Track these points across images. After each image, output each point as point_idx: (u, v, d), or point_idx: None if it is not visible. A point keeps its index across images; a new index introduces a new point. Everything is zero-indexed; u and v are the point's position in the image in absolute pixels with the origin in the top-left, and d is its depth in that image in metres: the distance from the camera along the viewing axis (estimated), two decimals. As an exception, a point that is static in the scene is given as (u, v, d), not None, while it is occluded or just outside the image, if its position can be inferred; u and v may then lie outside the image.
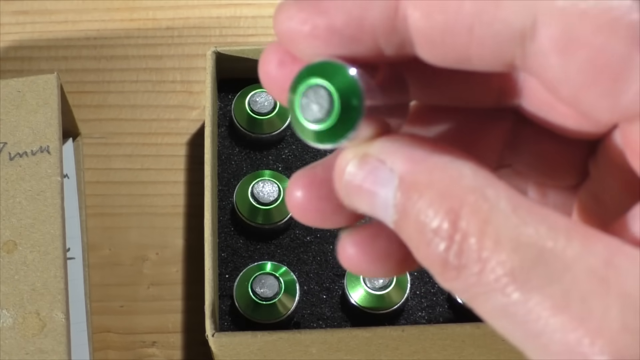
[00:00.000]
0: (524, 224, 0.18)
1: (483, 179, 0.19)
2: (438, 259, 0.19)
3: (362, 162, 0.20)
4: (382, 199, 0.20)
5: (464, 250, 0.18)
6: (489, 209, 0.18)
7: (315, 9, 0.20)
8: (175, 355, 0.50)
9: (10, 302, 0.42)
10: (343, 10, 0.20)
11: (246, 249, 0.48)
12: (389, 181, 0.20)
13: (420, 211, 0.19)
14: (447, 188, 0.19)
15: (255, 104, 0.51)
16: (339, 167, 0.21)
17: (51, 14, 0.59)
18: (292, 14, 0.20)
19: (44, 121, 0.47)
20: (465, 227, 0.18)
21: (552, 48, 0.18)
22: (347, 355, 0.44)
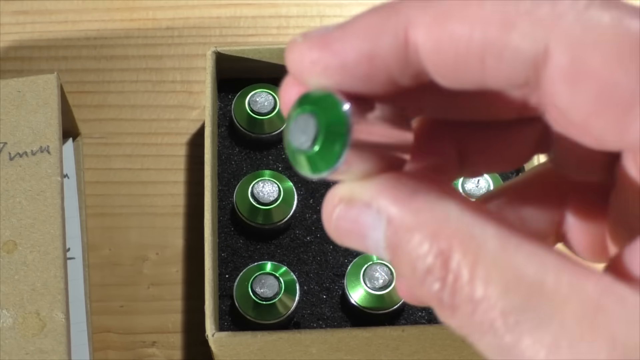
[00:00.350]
0: (513, 264, 0.18)
1: (470, 218, 0.19)
2: (433, 297, 0.19)
3: (349, 206, 0.20)
4: (373, 242, 0.20)
5: (456, 290, 0.18)
6: (477, 249, 0.18)
7: (326, 47, 0.20)
8: (175, 355, 0.50)
9: (10, 302, 0.42)
10: (353, 48, 0.20)
11: (246, 249, 0.48)
12: (377, 224, 0.20)
13: (411, 253, 0.19)
14: (435, 229, 0.19)
15: (255, 104, 0.51)
16: (327, 209, 0.21)
17: (51, 14, 0.59)
18: (302, 53, 0.20)
19: (44, 121, 0.47)
20: (456, 268, 0.18)
21: (561, 77, 0.18)
22: (347, 355, 0.44)
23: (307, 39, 0.20)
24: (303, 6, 0.60)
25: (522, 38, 0.18)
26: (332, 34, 0.20)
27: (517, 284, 0.18)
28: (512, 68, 0.19)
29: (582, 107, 0.18)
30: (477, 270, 0.18)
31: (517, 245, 0.18)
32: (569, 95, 0.18)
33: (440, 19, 0.19)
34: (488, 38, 0.18)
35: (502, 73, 0.19)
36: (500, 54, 0.18)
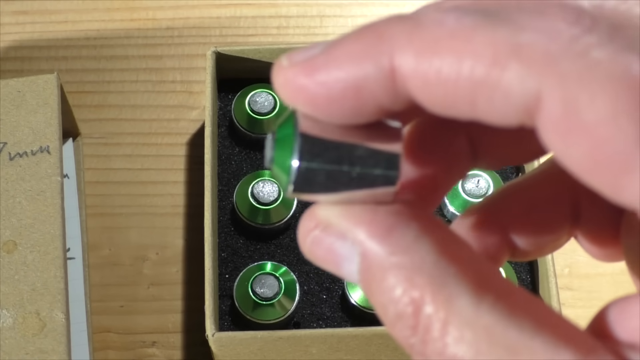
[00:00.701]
0: (486, 325, 0.17)
1: (445, 266, 0.18)
2: (404, 341, 0.18)
3: (324, 233, 0.20)
4: (347, 272, 0.19)
5: (427, 342, 0.18)
6: (450, 304, 0.18)
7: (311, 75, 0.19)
8: (175, 355, 0.50)
9: (10, 302, 0.42)
10: (337, 79, 0.18)
11: (246, 249, 0.48)
12: (351, 256, 0.19)
13: (383, 295, 0.18)
14: (409, 274, 0.18)
15: (255, 104, 0.51)
16: (302, 230, 0.20)
17: (51, 14, 0.59)
18: (288, 79, 0.19)
19: (44, 121, 0.47)
20: (427, 321, 0.18)
21: (553, 128, 0.17)
22: (347, 355, 0.44)
23: (292, 63, 0.19)
24: (303, 6, 0.60)
25: (513, 80, 0.17)
26: (317, 60, 0.19)
27: (489, 347, 0.17)
28: (504, 111, 0.17)
29: (576, 161, 0.17)
30: (449, 327, 0.17)
31: (492, 305, 0.18)
32: (562, 148, 0.17)
33: (426, 51, 0.17)
34: (477, 77, 0.17)
35: (494, 115, 0.17)
36: (491, 96, 0.17)
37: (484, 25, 0.17)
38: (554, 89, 0.16)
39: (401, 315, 0.18)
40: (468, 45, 0.17)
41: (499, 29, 0.17)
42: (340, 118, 0.19)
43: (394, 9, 0.60)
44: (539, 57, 0.16)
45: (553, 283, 0.44)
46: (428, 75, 0.17)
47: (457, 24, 0.17)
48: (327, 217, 0.20)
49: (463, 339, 0.17)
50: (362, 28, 0.19)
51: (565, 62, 0.16)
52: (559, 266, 0.50)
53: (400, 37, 0.18)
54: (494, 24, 0.17)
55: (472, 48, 0.17)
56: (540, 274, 0.47)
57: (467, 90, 0.17)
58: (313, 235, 0.20)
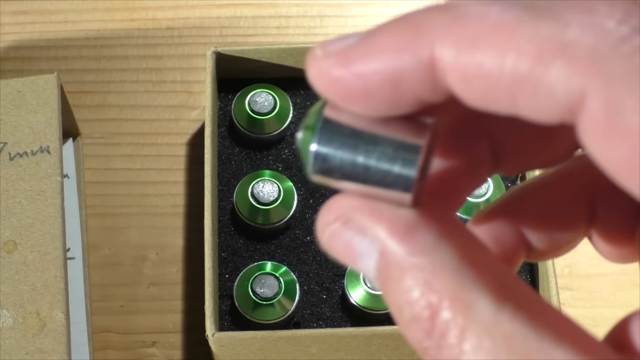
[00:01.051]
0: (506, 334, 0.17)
1: (466, 272, 0.18)
2: (417, 343, 0.18)
3: (344, 228, 0.19)
4: (364, 267, 0.19)
5: (442, 347, 0.17)
6: (469, 311, 0.17)
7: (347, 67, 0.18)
8: (175, 355, 0.50)
9: (10, 302, 0.42)
10: (375, 71, 0.18)
11: (246, 249, 0.48)
12: (370, 253, 0.19)
13: (400, 295, 0.18)
14: (428, 278, 0.18)
15: (255, 104, 0.51)
16: (322, 221, 0.20)
17: (51, 14, 0.59)
18: (323, 70, 0.18)
19: (44, 121, 0.47)
20: (444, 326, 0.17)
21: (595, 128, 0.16)
22: (347, 355, 0.44)
23: (327, 53, 0.18)
24: (303, 6, 0.60)
25: (558, 78, 0.16)
26: (353, 51, 0.18)
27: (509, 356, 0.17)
28: (546, 109, 0.17)
29: (614, 164, 0.17)
30: (467, 334, 0.17)
31: (513, 314, 0.17)
32: (601, 149, 0.17)
33: (468, 44, 0.17)
34: (520, 73, 0.16)
35: (536, 111, 0.17)
36: (534, 93, 0.17)
37: (528, 20, 0.17)
38: (598, 89, 0.16)
39: (417, 318, 0.18)
40: (511, 40, 0.16)
41: (544, 24, 0.16)
42: (376, 110, 0.18)
43: (394, 9, 0.60)
44: (585, 56, 0.16)
45: (553, 283, 0.44)
46: (469, 69, 0.17)
47: (501, 17, 0.17)
48: (348, 210, 0.19)
49: (481, 347, 0.17)
50: (399, 18, 0.18)
51: (612, 62, 0.16)
52: (559, 266, 0.50)
53: (441, 29, 0.17)
54: (538, 19, 0.17)
55: (516, 43, 0.16)
56: (540, 274, 0.47)
57: (508, 85, 0.17)
58: (332, 228, 0.20)
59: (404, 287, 0.18)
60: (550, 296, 0.44)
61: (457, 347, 0.17)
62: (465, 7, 0.17)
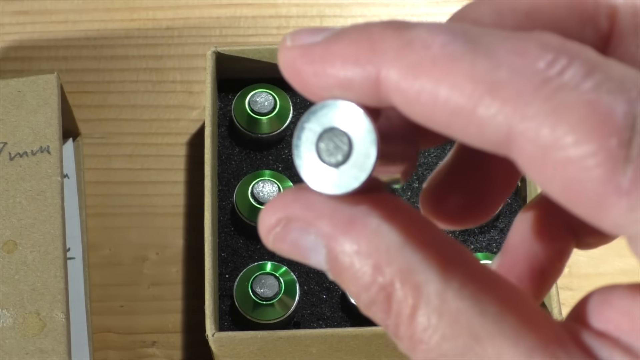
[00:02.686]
0: (452, 311, 0.18)
1: (411, 251, 0.19)
2: (381, 323, 0.19)
3: (287, 229, 0.20)
4: (315, 263, 0.20)
5: (399, 324, 0.18)
6: (417, 291, 0.18)
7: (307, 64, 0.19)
8: (175, 355, 0.50)
9: (10, 302, 0.42)
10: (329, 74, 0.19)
11: (246, 249, 0.48)
12: (317, 248, 0.19)
13: (353, 284, 0.19)
14: (376, 263, 0.19)
15: (255, 104, 0.51)
16: (263, 228, 0.21)
17: (51, 14, 0.59)
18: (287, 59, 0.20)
19: (44, 121, 0.47)
20: (397, 307, 0.18)
21: (529, 164, 0.17)
22: (347, 355, 0.44)
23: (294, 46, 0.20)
24: (303, 6, 0.60)
25: (486, 115, 0.17)
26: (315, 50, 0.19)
27: (455, 331, 0.18)
28: (478, 140, 0.18)
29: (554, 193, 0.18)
30: (418, 313, 0.18)
31: (458, 290, 0.18)
32: (539, 180, 0.18)
33: (410, 72, 0.18)
34: (452, 106, 0.18)
35: (470, 140, 0.18)
36: (465, 125, 0.18)
37: (465, 57, 0.18)
38: (524, 128, 0.17)
39: (374, 301, 0.19)
40: (447, 75, 0.18)
41: (478, 63, 0.18)
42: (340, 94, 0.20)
43: (394, 9, 0.60)
44: (512, 97, 0.17)
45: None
46: (409, 94, 0.18)
47: (442, 50, 0.18)
48: (287, 211, 0.20)
49: (430, 326, 0.18)
50: (360, 29, 0.19)
51: (536, 103, 0.17)
52: (558, 266, 0.50)
53: (389, 52, 0.18)
54: (474, 56, 0.18)
55: (451, 79, 0.18)
56: (540, 274, 0.47)
57: (443, 115, 0.18)
58: (275, 232, 0.20)
59: (355, 275, 0.19)
60: (550, 296, 0.44)
61: (410, 325, 0.18)
62: (415, 33, 0.18)
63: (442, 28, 0.18)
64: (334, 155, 0.19)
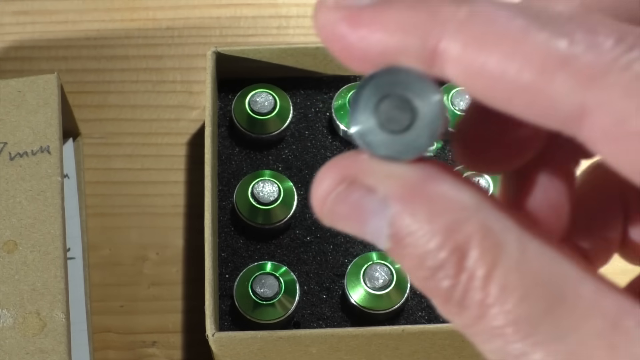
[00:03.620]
0: (533, 269, 0.17)
1: (490, 212, 0.18)
2: (441, 293, 0.18)
3: (350, 189, 0.19)
4: (372, 229, 0.19)
5: (469, 290, 0.17)
6: (496, 249, 0.17)
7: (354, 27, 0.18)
8: (175, 355, 0.50)
9: (10, 302, 0.42)
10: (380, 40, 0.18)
11: (246, 249, 0.49)
12: (380, 211, 0.18)
13: (421, 246, 0.18)
14: (451, 222, 0.18)
15: (255, 104, 0.51)
16: (320, 188, 0.19)
17: (51, 14, 0.59)
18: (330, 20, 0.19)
19: (44, 121, 0.47)
20: (472, 267, 0.17)
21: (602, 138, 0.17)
22: (347, 355, 0.44)
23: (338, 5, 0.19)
24: (303, 6, 0.60)
25: (560, 90, 0.17)
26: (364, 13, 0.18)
27: (536, 292, 0.17)
28: (544, 117, 0.17)
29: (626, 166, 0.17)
30: (495, 273, 0.17)
31: (538, 250, 0.17)
32: (611, 154, 0.17)
33: (475, 44, 0.17)
34: (522, 81, 0.17)
35: (532, 117, 0.18)
36: (533, 101, 0.17)
37: (535, 30, 0.17)
38: (601, 100, 0.17)
39: (442, 265, 0.18)
40: (518, 48, 0.17)
41: (549, 37, 0.17)
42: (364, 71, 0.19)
43: (394, 9, 0.60)
44: (587, 71, 0.17)
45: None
46: (472, 66, 0.17)
47: (509, 23, 0.17)
48: (352, 171, 0.19)
49: (508, 285, 0.17)
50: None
51: (611, 75, 0.17)
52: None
53: (451, 23, 0.18)
54: (546, 31, 0.17)
55: (522, 51, 0.17)
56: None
57: (507, 89, 0.17)
58: (337, 192, 0.19)
59: (424, 236, 0.18)
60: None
61: (484, 288, 0.17)
62: (477, 6, 0.18)
63: (504, 4, 0.18)
64: (397, 122, 0.19)
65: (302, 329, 0.45)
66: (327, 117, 0.52)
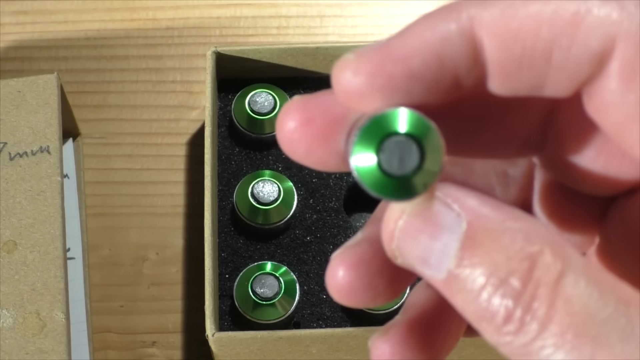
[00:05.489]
0: (594, 289, 0.17)
1: (557, 236, 0.18)
2: (502, 310, 0.18)
3: (427, 204, 0.19)
4: (442, 245, 0.19)
5: (534, 298, 0.17)
6: (566, 264, 0.18)
7: (386, 56, 0.18)
8: (175, 355, 0.50)
9: (10, 302, 0.42)
10: (419, 50, 0.18)
11: (246, 249, 0.48)
12: (453, 227, 0.19)
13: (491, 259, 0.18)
14: (523, 237, 0.18)
15: (255, 104, 0.51)
16: (395, 210, 0.19)
17: (51, 14, 0.59)
18: (359, 67, 0.18)
19: (44, 121, 0.47)
20: (540, 276, 0.17)
21: (617, 72, 0.18)
22: (347, 355, 0.44)
23: (362, 54, 0.19)
24: (303, 6, 0.60)
25: (592, 33, 0.18)
26: (391, 43, 0.19)
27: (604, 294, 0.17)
28: (579, 64, 0.18)
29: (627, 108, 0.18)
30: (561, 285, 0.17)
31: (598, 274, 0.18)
32: (619, 92, 0.18)
33: (505, 14, 0.18)
34: (556, 33, 0.18)
35: (567, 70, 0.18)
36: (568, 50, 0.18)
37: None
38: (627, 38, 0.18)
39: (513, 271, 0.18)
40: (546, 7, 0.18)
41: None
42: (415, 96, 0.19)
43: (394, 9, 0.60)
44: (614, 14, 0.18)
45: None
46: (507, 35, 0.18)
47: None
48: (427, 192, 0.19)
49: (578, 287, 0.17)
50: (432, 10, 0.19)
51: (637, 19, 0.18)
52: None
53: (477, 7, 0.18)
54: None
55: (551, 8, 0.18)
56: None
57: (545, 46, 0.18)
58: (415, 204, 0.19)
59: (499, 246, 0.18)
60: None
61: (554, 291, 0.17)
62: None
63: None
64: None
65: (302, 329, 0.45)
66: (327, 117, 0.52)
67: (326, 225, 0.49)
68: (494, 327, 0.18)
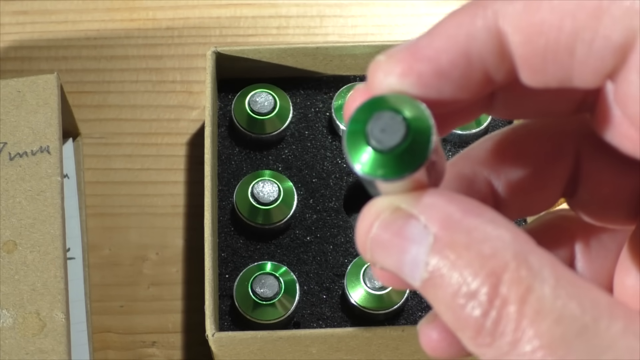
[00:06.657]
0: (566, 297, 0.17)
1: (525, 244, 0.18)
2: (473, 323, 0.18)
3: (394, 217, 0.19)
4: (412, 257, 0.19)
5: (502, 316, 0.18)
6: (531, 276, 0.18)
7: (415, 56, 0.19)
8: (175, 355, 0.50)
9: (10, 302, 0.42)
10: (447, 48, 0.19)
11: (246, 249, 0.48)
12: (422, 239, 0.19)
13: (457, 272, 0.18)
14: (488, 251, 0.18)
15: (255, 104, 0.51)
16: (364, 221, 0.20)
17: (51, 14, 0.59)
18: (390, 68, 0.19)
19: (44, 121, 0.47)
20: (506, 293, 0.18)
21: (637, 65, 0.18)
22: (347, 355, 0.44)
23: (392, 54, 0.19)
24: (303, 6, 0.60)
25: (614, 25, 0.18)
26: (419, 42, 0.19)
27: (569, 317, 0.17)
28: (602, 57, 0.18)
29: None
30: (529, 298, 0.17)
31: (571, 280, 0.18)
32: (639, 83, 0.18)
33: (528, 9, 0.18)
34: (579, 26, 0.18)
35: (591, 63, 0.18)
36: (591, 43, 0.18)
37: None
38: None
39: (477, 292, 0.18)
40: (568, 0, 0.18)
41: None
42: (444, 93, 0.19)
43: (394, 9, 0.60)
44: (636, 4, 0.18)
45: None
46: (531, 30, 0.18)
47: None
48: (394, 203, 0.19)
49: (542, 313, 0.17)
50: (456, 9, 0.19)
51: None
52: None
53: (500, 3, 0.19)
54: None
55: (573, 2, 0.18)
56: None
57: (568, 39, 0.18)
58: (382, 218, 0.19)
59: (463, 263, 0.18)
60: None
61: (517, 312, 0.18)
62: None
63: None
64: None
65: (302, 329, 0.45)
66: (327, 117, 0.52)
67: (326, 225, 0.49)
68: (469, 338, 0.18)
